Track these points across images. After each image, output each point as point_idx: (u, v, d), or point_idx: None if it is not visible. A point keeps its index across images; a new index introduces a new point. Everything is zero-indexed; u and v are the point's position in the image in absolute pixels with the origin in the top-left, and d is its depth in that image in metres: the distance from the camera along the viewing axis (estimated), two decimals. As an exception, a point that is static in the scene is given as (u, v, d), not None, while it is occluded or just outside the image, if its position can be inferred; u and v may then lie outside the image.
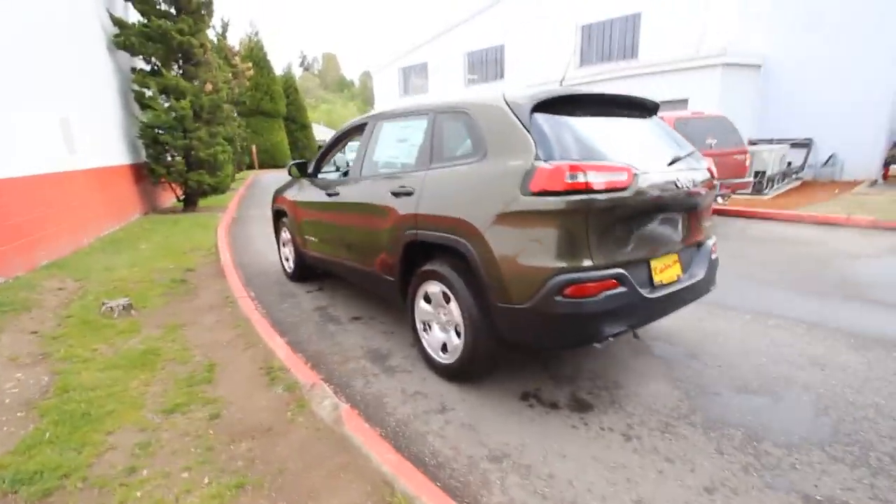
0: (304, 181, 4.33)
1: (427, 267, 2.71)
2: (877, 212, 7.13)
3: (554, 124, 2.28)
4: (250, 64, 15.84)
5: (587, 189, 2.08)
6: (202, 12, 8.92)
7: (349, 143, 4.17)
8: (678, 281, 2.54)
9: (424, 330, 2.88)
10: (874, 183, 10.96)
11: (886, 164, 11.42)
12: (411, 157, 2.97)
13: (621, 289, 2.20)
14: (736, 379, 2.67)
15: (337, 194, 3.61)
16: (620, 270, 2.20)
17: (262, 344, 3.12)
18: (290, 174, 4.38)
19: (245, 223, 8.64)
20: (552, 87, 2.42)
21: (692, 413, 2.35)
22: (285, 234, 4.87)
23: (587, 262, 2.14)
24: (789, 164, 11.29)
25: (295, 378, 2.60)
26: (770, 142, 11.74)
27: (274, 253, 6.05)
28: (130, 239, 6.89)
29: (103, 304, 3.93)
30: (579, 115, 2.41)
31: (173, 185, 9.33)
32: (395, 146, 3.23)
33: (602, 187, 2.11)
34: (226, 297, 4.24)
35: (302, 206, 4.30)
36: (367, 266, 3.32)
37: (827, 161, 11.81)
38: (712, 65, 11.52)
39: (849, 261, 5.00)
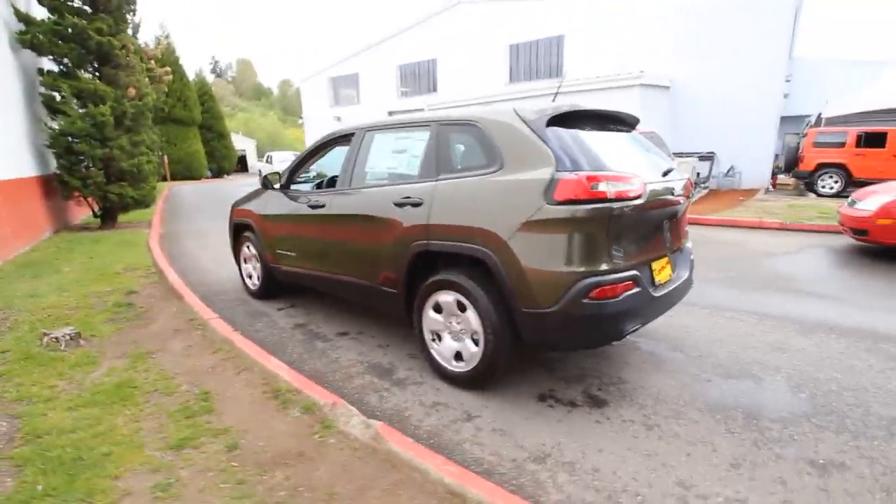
0: (275, 193, 4.13)
1: (439, 277, 2.72)
2: (780, 216, 8.25)
3: (565, 137, 2.42)
4: (168, 68, 14.67)
5: (607, 198, 2.24)
6: (123, 11, 8.16)
7: (329, 153, 4.06)
8: (671, 281, 2.79)
9: (433, 340, 2.87)
10: (767, 190, 12.65)
11: (774, 175, 13.23)
12: (412, 169, 2.97)
13: (636, 289, 2.37)
14: (717, 366, 2.96)
15: (323, 206, 3.49)
16: (635, 272, 2.38)
17: (256, 366, 2.92)
18: (264, 186, 4.15)
19: (177, 239, 7.96)
20: (557, 104, 2.57)
21: (694, 400, 2.58)
22: (249, 250, 4.58)
23: (607, 266, 2.29)
24: (698, 174, 12.68)
25: (311, 398, 2.47)
26: (681, 155, 13.12)
27: (224, 270, 5.70)
28: (48, 261, 6.07)
29: (45, 334, 3.44)
30: (582, 129, 2.57)
31: (89, 199, 8.36)
32: (392, 157, 3.21)
33: (620, 196, 2.28)
34: (190, 320, 3.90)
35: (274, 219, 4.09)
36: (363, 279, 3.24)
37: (728, 172, 13.42)
38: (630, 85, 12.66)
39: (771, 258, 5.74)
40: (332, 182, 4.60)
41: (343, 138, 3.73)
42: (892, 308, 3.91)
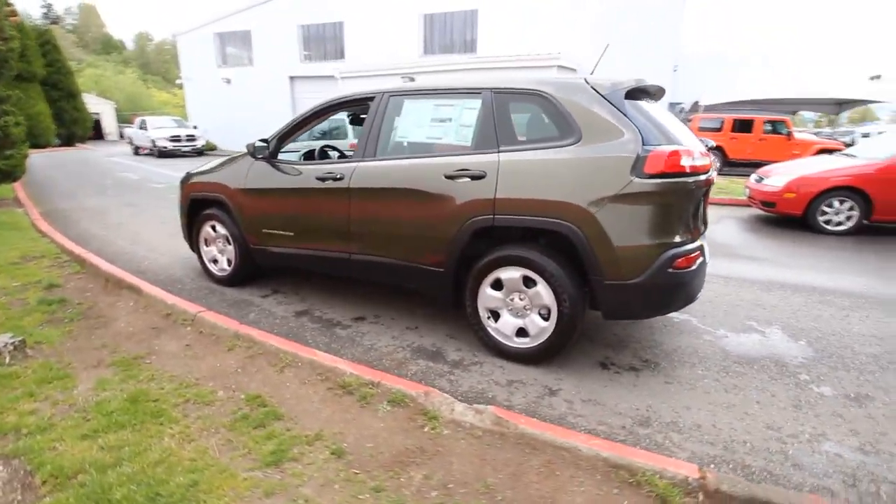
0: (260, 164, 3.59)
1: (504, 252, 2.64)
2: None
3: (641, 111, 2.48)
4: (13, 6, 11.58)
5: (687, 172, 2.35)
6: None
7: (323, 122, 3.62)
8: (706, 253, 3.04)
9: (489, 318, 2.80)
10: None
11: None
12: (464, 139, 2.80)
13: (702, 258, 2.56)
14: (722, 324, 3.35)
15: (339, 178, 3.13)
16: (701, 242, 2.56)
17: (301, 361, 2.57)
18: (252, 154, 3.56)
19: (69, 221, 6.61)
20: (627, 77, 2.59)
21: (727, 355, 2.89)
22: (214, 231, 3.96)
23: (683, 237, 2.43)
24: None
25: (395, 390, 2.26)
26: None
27: (157, 254, 5.00)
28: None
29: (-25, 347, 2.64)
30: (644, 102, 2.64)
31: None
32: (432, 126, 2.96)
33: (695, 170, 2.40)
34: (167, 315, 3.28)
35: (261, 194, 3.57)
36: (399, 259, 3.00)
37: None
38: (549, 65, 13.23)
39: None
40: (322, 153, 4.16)
41: (353, 103, 3.37)
42: (816, 266, 4.75)
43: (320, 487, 1.71)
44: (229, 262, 4.00)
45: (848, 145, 10.85)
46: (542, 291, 2.57)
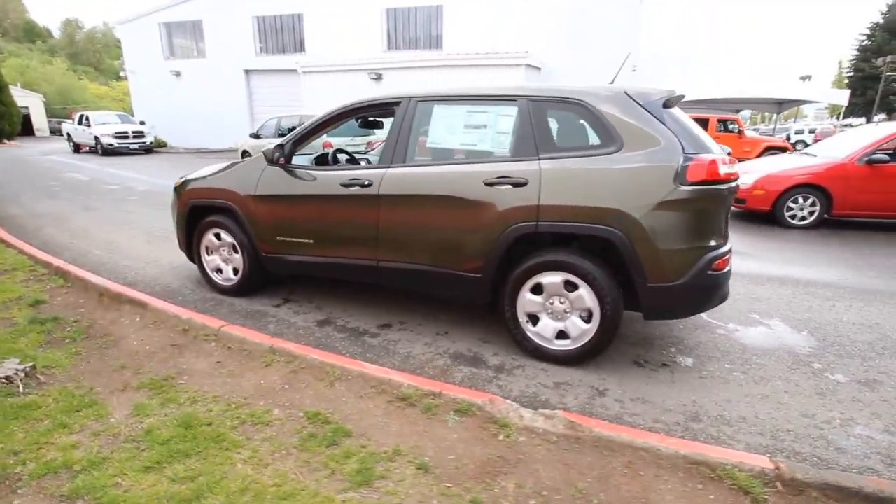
0: (273, 170, 3.46)
1: (547, 258, 2.69)
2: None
3: (674, 120, 2.60)
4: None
5: (725, 179, 2.50)
6: None
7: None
8: None
9: (528, 322, 2.86)
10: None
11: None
12: (501, 146, 2.83)
13: (731, 260, 2.72)
14: (730, 319, 3.57)
15: (367, 185, 3.07)
16: (730, 246, 2.72)
17: (350, 374, 2.52)
18: (270, 160, 3.40)
19: (24, 227, 6.14)
20: (659, 87, 2.70)
21: (745, 349, 3.09)
22: (219, 239, 3.78)
23: (718, 241, 2.58)
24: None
25: (459, 399, 2.27)
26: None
27: (143, 263, 4.77)
28: None
29: (-16, 375, 2.41)
30: (675, 111, 2.77)
31: None
32: (466, 132, 2.96)
33: (728, 177, 2.55)
34: (184, 331, 3.11)
35: (277, 200, 3.43)
36: (434, 265, 2.99)
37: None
38: (517, 64, 13.45)
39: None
40: (334, 159, 4.05)
41: (376, 108, 3.32)
42: (792, 259, 5.14)
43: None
44: (236, 271, 3.83)
45: (790, 142, 11.75)
46: (585, 295, 2.65)
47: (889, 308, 3.74)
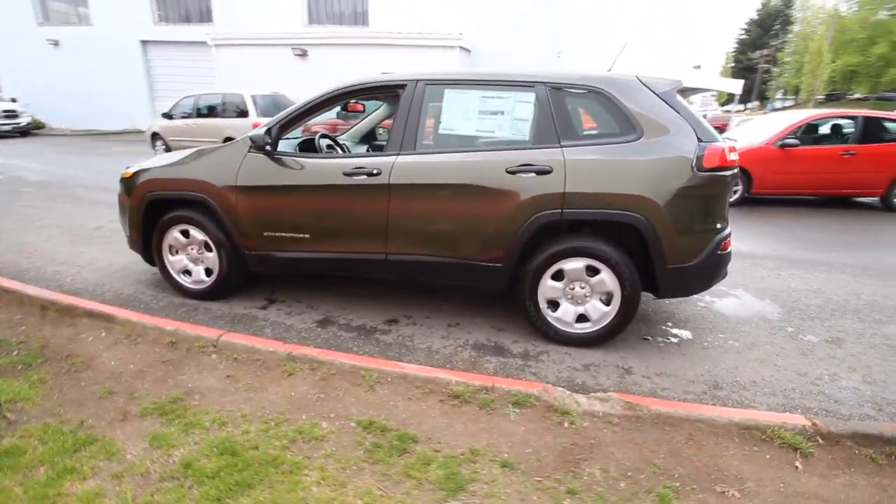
0: (254, 157, 3.12)
1: (570, 244, 2.74)
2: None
3: (687, 107, 2.74)
4: None
5: (732, 165, 2.70)
6: None
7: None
8: None
9: (548, 308, 2.90)
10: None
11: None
12: (520, 133, 2.79)
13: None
14: (704, 293, 3.90)
15: (376, 174, 2.88)
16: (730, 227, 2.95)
17: (389, 376, 2.39)
18: (260, 148, 3.03)
19: None
20: (670, 76, 2.82)
21: (728, 318, 3.40)
22: (186, 236, 3.35)
23: (723, 224, 2.79)
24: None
25: (515, 391, 2.25)
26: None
27: (77, 268, 4.12)
28: None
29: (-65, 421, 1.93)
30: (681, 99, 2.91)
31: None
32: (482, 119, 2.87)
33: (735, 164, 2.75)
34: (171, 343, 2.74)
35: (261, 192, 3.11)
36: (451, 256, 2.90)
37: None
38: (451, 45, 13.32)
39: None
40: (312, 144, 3.72)
41: (377, 90, 3.12)
42: (752, 236, 5.72)
43: (521, 502, 1.68)
44: (209, 272, 3.43)
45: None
46: (606, 279, 2.74)
47: (822, 274, 4.33)
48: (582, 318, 2.87)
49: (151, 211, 3.41)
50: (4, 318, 3.07)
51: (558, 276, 2.82)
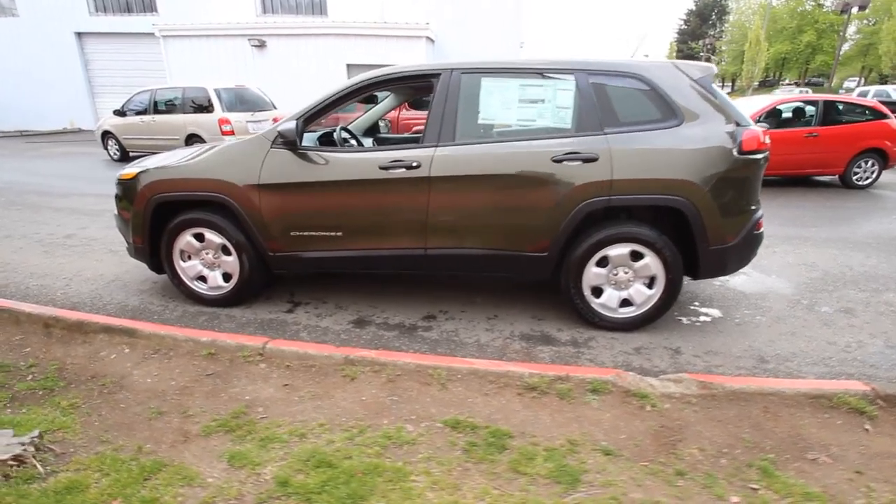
0: (277, 153, 2.94)
1: (617, 231, 2.76)
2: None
3: (719, 93, 2.81)
4: None
5: (766, 148, 2.80)
6: None
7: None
8: None
9: (593, 294, 2.93)
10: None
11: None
12: (562, 121, 2.77)
13: None
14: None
15: (416, 167, 2.78)
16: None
17: (459, 373, 2.33)
18: (287, 144, 2.84)
19: None
20: (704, 64, 2.88)
21: (745, 295, 3.56)
22: (201, 240, 3.14)
23: (757, 205, 2.90)
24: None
25: (591, 378, 2.25)
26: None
27: (65, 281, 3.81)
28: None
29: (-21, 460, 1.71)
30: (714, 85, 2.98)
31: None
32: (522, 108, 2.82)
33: (768, 147, 2.85)
34: (210, 355, 2.55)
35: (289, 189, 2.93)
36: (490, 247, 2.86)
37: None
38: (417, 36, 13.12)
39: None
40: (332, 138, 3.55)
41: (408, 79, 3.00)
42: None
43: (638, 488, 1.68)
44: (227, 277, 3.23)
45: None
46: (651, 263, 2.80)
47: (811, 249, 4.62)
48: (625, 302, 2.92)
49: (159, 214, 3.15)
50: (2, 339, 2.76)
51: (602, 262, 2.85)
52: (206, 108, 9.40)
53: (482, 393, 2.23)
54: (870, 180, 7.46)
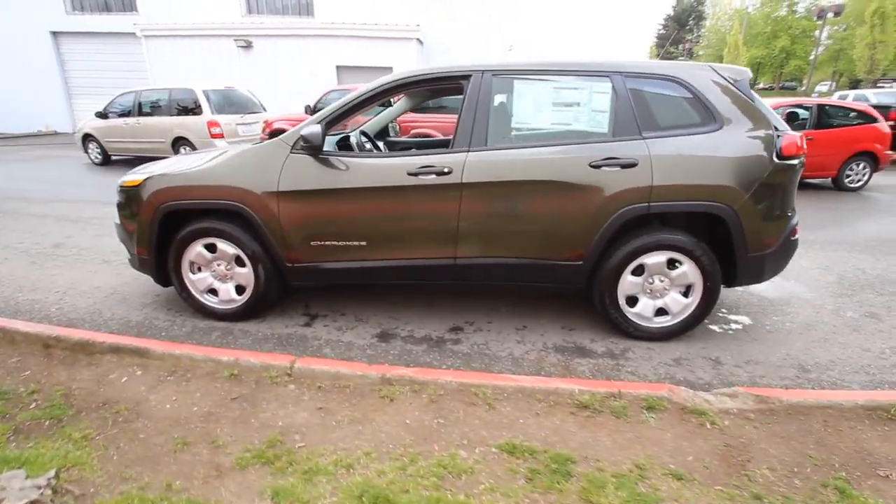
0: (298, 158, 2.78)
1: (654, 238, 2.68)
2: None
3: (756, 97, 2.76)
4: None
5: (802, 153, 2.75)
6: None
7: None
8: None
9: (628, 304, 2.84)
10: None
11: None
12: (599, 125, 2.68)
13: None
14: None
15: (447, 173, 2.66)
16: None
17: (505, 391, 2.21)
18: (311, 148, 2.68)
19: None
20: (737, 67, 2.82)
21: (770, 301, 3.53)
22: (213, 251, 2.96)
23: (793, 211, 2.85)
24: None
25: (645, 395, 2.15)
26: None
27: (59, 295, 3.57)
28: None
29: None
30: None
31: None
32: (556, 111, 2.72)
33: (804, 152, 2.80)
34: (232, 376, 2.38)
35: (311, 197, 2.78)
36: (523, 256, 2.76)
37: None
38: (408, 37, 12.97)
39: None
40: (348, 142, 3.39)
41: (437, 80, 2.87)
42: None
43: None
44: (240, 289, 3.05)
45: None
46: (688, 271, 2.72)
47: (822, 252, 4.63)
48: (661, 311, 2.84)
49: (166, 224, 2.95)
50: (25, 362, 2.53)
51: (638, 270, 2.77)
52: (193, 110, 9.09)
53: (533, 413, 2.11)
54: (861, 183, 7.61)
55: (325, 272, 2.93)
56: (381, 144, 4.01)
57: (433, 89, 3.36)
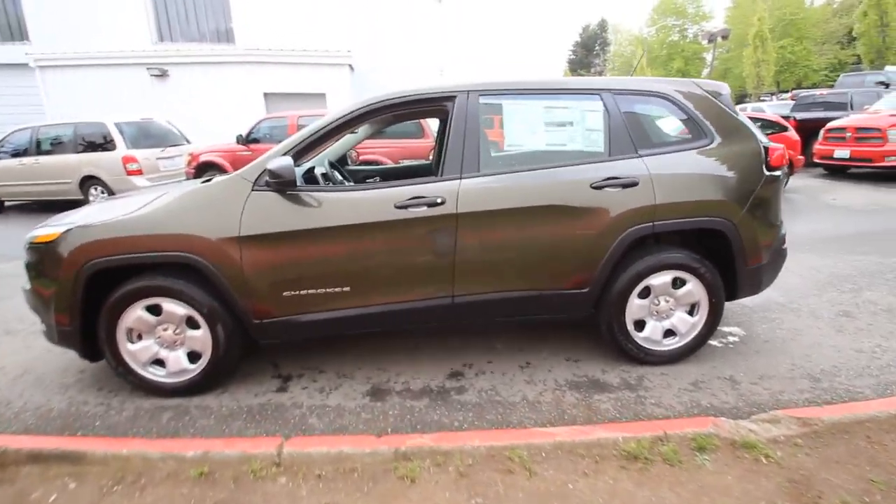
0: (261, 196, 2.38)
1: (656, 259, 2.56)
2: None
3: (739, 111, 2.77)
4: None
5: (786, 162, 2.79)
6: None
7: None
8: None
9: (636, 328, 2.69)
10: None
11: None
12: (594, 145, 2.54)
13: None
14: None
15: (440, 203, 2.37)
16: None
17: (542, 450, 1.91)
18: (281, 184, 2.26)
19: None
20: (715, 82, 2.82)
21: (752, 310, 3.55)
22: (156, 312, 2.44)
23: (781, 220, 2.86)
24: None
25: (692, 434, 1.96)
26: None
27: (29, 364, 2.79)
28: None
29: None
30: None
31: None
32: (549, 132, 2.54)
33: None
34: (201, 475, 1.89)
35: (283, 240, 2.37)
36: (526, 288, 2.53)
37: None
38: (340, 63, 12.65)
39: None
40: (313, 175, 3.00)
41: (418, 103, 2.60)
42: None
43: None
44: (194, 356, 2.54)
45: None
46: (694, 289, 2.63)
47: (801, 253, 4.78)
48: (668, 333, 2.72)
49: (93, 285, 2.39)
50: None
51: (643, 293, 2.64)
52: (104, 145, 8.11)
53: (579, 473, 1.84)
54: (779, 186, 8.30)
55: (303, 326, 2.51)
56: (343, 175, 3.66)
57: (409, 113, 3.09)
